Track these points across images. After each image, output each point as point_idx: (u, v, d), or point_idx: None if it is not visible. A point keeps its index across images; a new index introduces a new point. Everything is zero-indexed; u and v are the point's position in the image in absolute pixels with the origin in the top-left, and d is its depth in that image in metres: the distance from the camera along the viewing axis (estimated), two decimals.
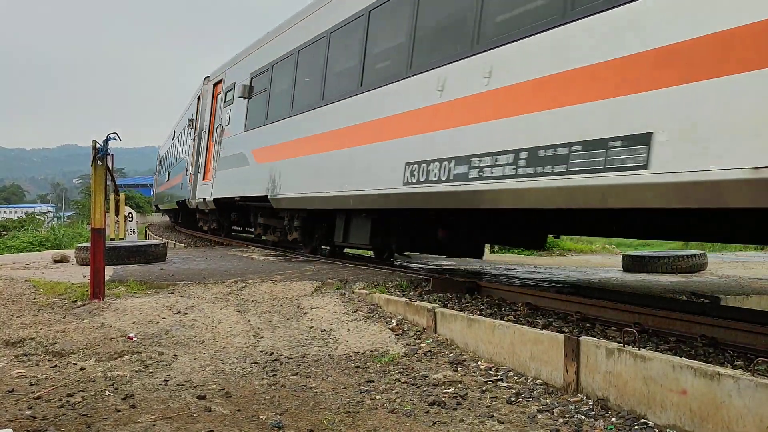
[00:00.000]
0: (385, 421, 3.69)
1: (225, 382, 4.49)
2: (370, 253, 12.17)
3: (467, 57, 6.49)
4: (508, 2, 6.07)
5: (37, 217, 40.77)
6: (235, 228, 17.09)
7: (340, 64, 9.54)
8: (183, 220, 25.21)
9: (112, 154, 7.94)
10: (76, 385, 4.37)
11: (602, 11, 4.89)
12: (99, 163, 7.40)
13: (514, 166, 5.68)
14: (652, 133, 4.45)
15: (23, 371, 4.73)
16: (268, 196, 11.44)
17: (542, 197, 5.47)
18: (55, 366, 4.89)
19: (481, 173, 6.11)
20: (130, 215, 15.05)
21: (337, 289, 7.42)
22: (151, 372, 4.72)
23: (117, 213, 13.88)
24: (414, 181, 7.19)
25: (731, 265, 12.80)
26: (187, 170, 19.03)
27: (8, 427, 3.46)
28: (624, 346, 3.83)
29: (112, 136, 7.37)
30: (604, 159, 4.84)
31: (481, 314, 5.82)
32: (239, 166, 13.41)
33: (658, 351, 4.22)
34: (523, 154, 5.59)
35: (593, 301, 6.19)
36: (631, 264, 11.63)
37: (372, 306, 6.65)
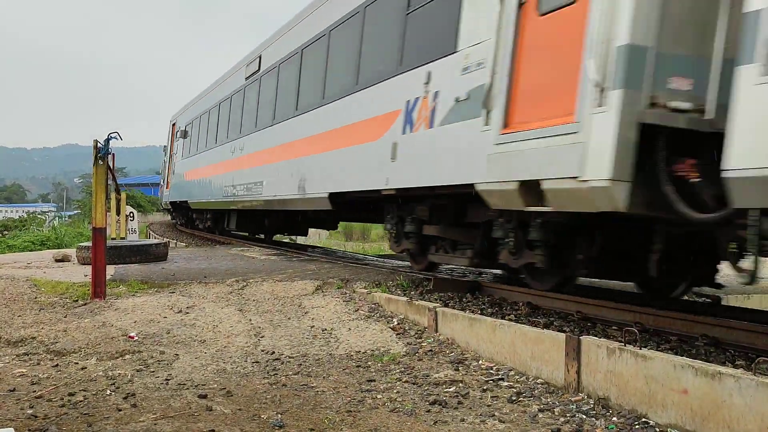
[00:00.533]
0: (387, 421, 3.69)
1: (226, 381, 4.49)
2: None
3: (236, 139, 15.06)
4: (233, 125, 15.44)
5: (39, 216, 40.79)
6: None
7: (211, 129, 17.91)
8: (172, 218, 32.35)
9: (113, 154, 7.94)
10: (77, 384, 4.37)
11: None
12: (100, 162, 7.41)
13: (245, 191, 13.77)
14: (263, 180, 12.61)
15: (25, 370, 4.73)
16: (188, 201, 20.33)
17: (255, 203, 13.25)
18: (57, 365, 4.89)
19: (236, 192, 14.52)
20: (132, 214, 15.05)
21: (338, 288, 7.43)
22: (153, 371, 4.72)
23: (118, 212, 13.88)
24: (225, 195, 15.53)
25: None
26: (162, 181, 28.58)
27: (10, 426, 3.46)
28: (625, 346, 3.83)
29: (113, 135, 7.37)
30: (259, 189, 12.73)
31: (482, 313, 5.82)
32: (179, 181, 22.14)
33: (659, 350, 4.22)
34: (246, 186, 13.69)
35: (594, 301, 6.18)
36: None
37: (373, 305, 6.65)
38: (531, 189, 5.21)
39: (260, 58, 13.72)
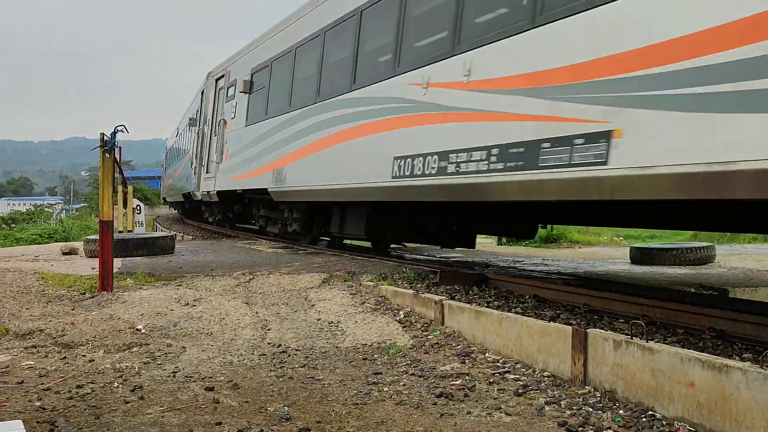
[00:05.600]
0: (393, 413, 3.69)
1: (233, 373, 4.51)
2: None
3: (178, 161, 26.51)
4: (180, 152, 26.88)
5: (46, 209, 40.82)
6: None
7: (174, 153, 28.43)
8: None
9: (120, 147, 7.95)
10: (85, 377, 4.40)
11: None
12: (107, 155, 7.42)
13: (178, 189, 25.11)
14: (183, 183, 24.88)
15: (33, 363, 4.76)
16: (167, 198, 33.24)
17: (178, 196, 25.58)
18: (64, 358, 4.92)
19: (177, 190, 25.25)
20: (138, 207, 15.11)
21: (345, 281, 7.43)
22: (160, 364, 4.75)
23: (125, 205, 13.94)
24: (175, 192, 26.58)
25: (739, 257, 12.72)
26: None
27: (18, 419, 3.48)
28: (632, 339, 3.82)
29: (119, 128, 7.37)
30: (183, 188, 23.49)
31: (488, 306, 5.82)
32: (166, 182, 33.82)
33: (665, 343, 4.21)
34: (178, 186, 25.72)
35: (601, 294, 6.18)
36: (639, 256, 11.56)
37: (379, 298, 6.65)
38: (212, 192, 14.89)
39: (180, 126, 25.82)
